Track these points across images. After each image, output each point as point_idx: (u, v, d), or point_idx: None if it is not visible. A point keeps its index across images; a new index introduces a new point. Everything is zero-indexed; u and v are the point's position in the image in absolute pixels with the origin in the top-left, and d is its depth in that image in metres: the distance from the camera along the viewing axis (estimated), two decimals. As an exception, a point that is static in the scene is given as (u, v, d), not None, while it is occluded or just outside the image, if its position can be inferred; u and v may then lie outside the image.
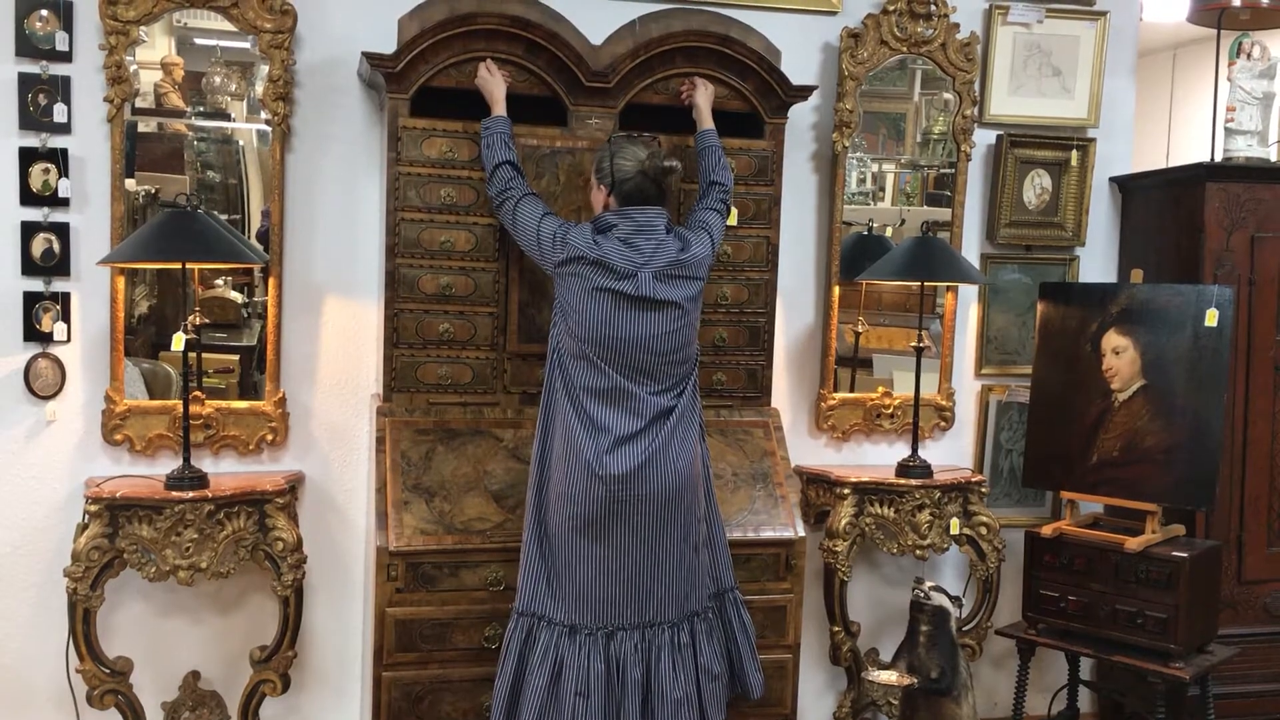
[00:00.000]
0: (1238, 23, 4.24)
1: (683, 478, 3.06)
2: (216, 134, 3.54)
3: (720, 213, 3.29)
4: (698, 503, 3.15)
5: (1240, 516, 3.99)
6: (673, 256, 3.07)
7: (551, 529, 3.07)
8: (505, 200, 3.18)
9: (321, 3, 3.54)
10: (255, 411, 3.54)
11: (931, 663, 3.59)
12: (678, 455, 3.06)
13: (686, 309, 3.09)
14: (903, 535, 3.74)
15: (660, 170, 3.11)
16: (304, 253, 3.59)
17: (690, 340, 3.15)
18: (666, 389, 3.09)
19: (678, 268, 3.07)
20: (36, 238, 3.38)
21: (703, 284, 3.15)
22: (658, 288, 3.03)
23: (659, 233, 3.08)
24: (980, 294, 4.16)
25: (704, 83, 3.45)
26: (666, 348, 3.07)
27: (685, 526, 3.10)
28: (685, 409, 3.11)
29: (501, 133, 3.24)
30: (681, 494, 3.07)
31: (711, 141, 3.36)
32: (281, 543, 3.29)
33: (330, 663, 3.72)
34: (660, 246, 3.07)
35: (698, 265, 3.12)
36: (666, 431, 3.05)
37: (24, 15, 3.33)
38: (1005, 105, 4.09)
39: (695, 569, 3.14)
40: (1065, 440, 3.79)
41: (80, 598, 3.19)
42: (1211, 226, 3.93)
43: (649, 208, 3.09)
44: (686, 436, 3.11)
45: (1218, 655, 3.63)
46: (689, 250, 3.11)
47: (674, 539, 3.07)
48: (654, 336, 3.04)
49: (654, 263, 3.04)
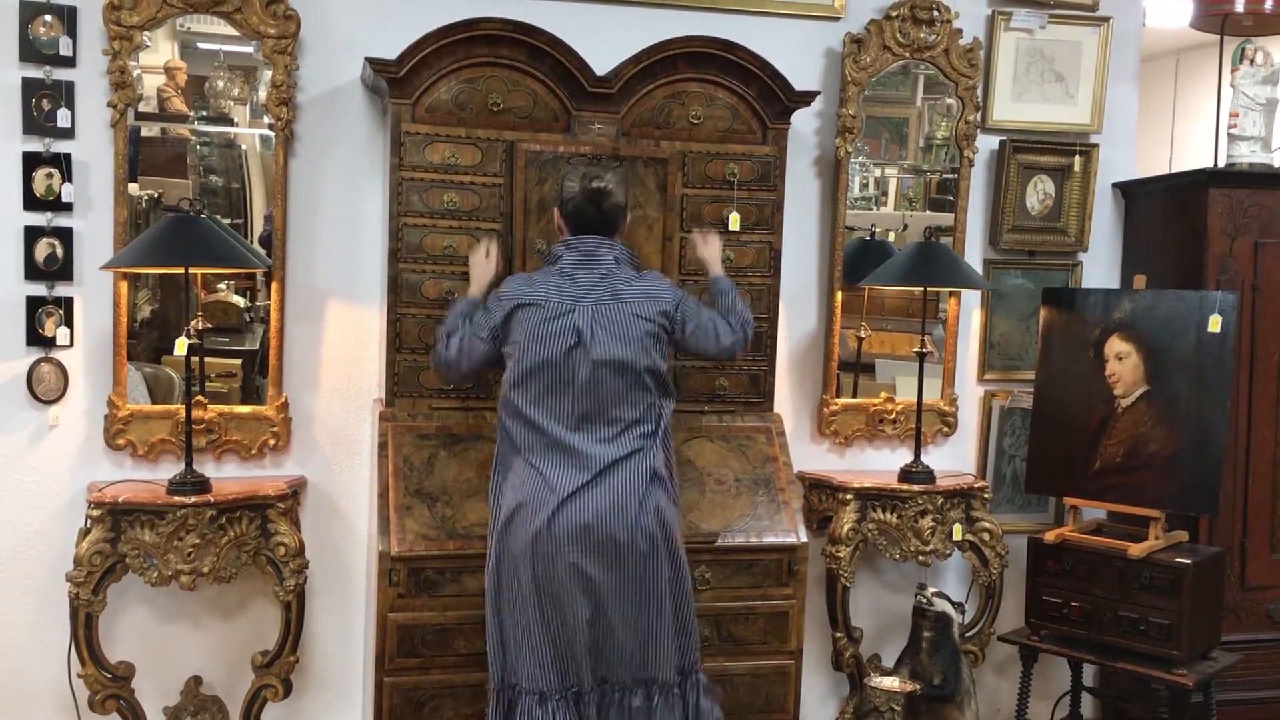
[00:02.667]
0: (1241, 28, 4.23)
1: (634, 532, 2.86)
2: (219, 139, 3.54)
3: (730, 325, 3.08)
4: (657, 564, 2.91)
5: (1243, 523, 3.98)
6: (618, 290, 2.93)
7: (504, 591, 2.94)
8: (450, 337, 3.05)
9: (325, 8, 3.55)
10: (257, 416, 3.54)
11: (934, 669, 3.59)
12: (625, 509, 2.85)
13: (637, 343, 2.91)
14: (905, 541, 3.74)
15: (591, 191, 2.96)
16: (306, 257, 3.59)
17: (639, 386, 2.93)
18: (613, 438, 2.90)
19: (622, 301, 2.93)
20: (40, 242, 3.39)
21: (655, 325, 2.95)
22: (595, 325, 2.89)
23: (604, 263, 2.95)
24: (983, 299, 4.15)
25: (705, 236, 3.35)
26: (607, 391, 2.90)
27: (641, 589, 2.90)
28: (641, 464, 2.90)
29: (463, 311, 3.08)
30: (632, 552, 2.87)
31: (724, 286, 3.22)
32: (283, 548, 3.29)
33: (332, 668, 3.72)
34: (605, 279, 2.94)
35: (647, 302, 2.94)
36: (617, 485, 2.86)
37: (28, 20, 3.34)
38: (1008, 111, 4.09)
39: (652, 633, 2.93)
40: (1068, 446, 3.78)
41: (82, 602, 3.19)
42: (1215, 232, 3.92)
43: (592, 237, 2.98)
44: (638, 490, 2.88)
45: (1221, 662, 3.63)
46: (639, 285, 2.95)
47: (626, 599, 2.89)
48: (591, 380, 2.89)
49: (593, 296, 2.92)
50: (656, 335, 2.97)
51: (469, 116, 3.36)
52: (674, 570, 2.97)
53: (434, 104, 3.34)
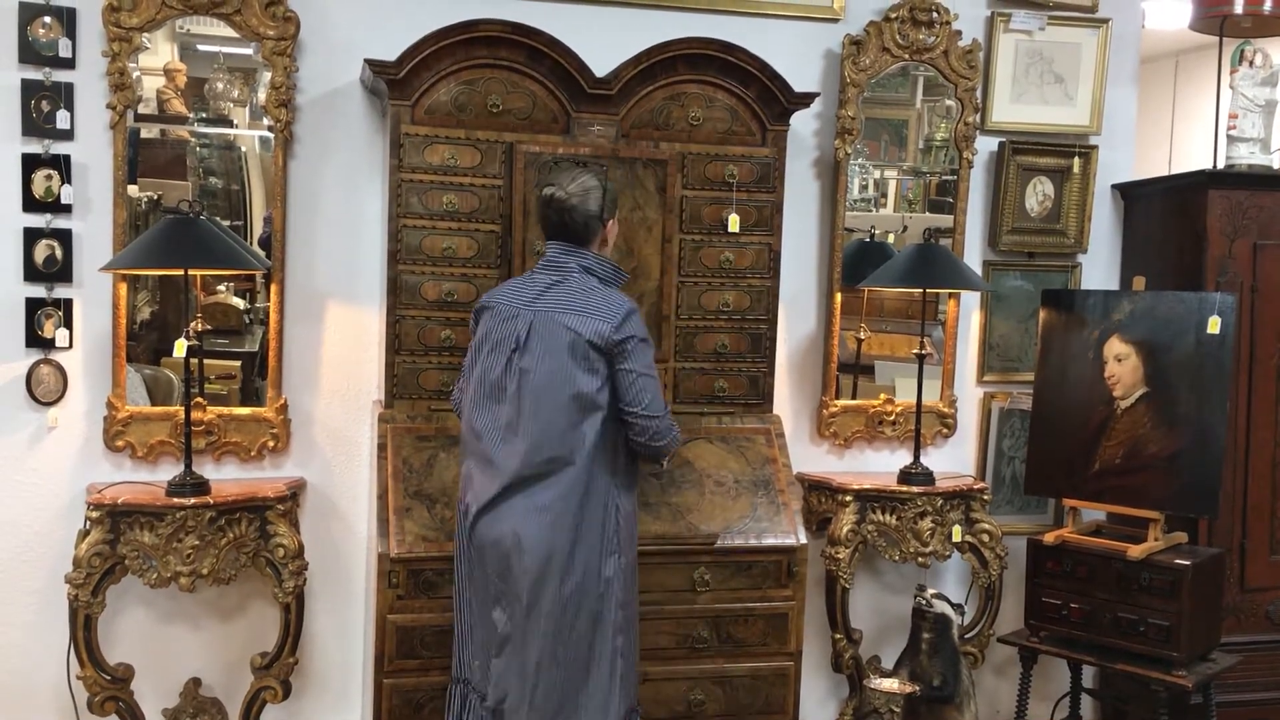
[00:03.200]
0: (1240, 30, 4.23)
1: (531, 557, 2.74)
2: (219, 140, 3.54)
3: (657, 410, 2.82)
4: (560, 592, 2.76)
5: (1243, 524, 3.98)
6: (563, 301, 2.80)
7: (458, 583, 2.94)
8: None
9: (324, 10, 3.55)
10: (257, 418, 3.54)
11: (934, 670, 3.59)
12: (523, 534, 2.75)
13: (563, 358, 2.78)
14: (905, 543, 3.74)
15: (543, 199, 2.89)
16: (306, 259, 3.59)
17: (562, 406, 2.76)
18: (529, 455, 2.77)
19: (562, 313, 2.79)
20: (39, 244, 3.39)
21: (584, 348, 2.77)
22: (532, 333, 2.80)
23: (564, 270, 2.86)
24: (982, 301, 4.15)
25: None
26: (531, 406, 2.78)
27: (549, 616, 2.76)
28: (550, 491, 2.76)
29: None
30: (526, 576, 2.75)
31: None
32: (283, 549, 3.29)
33: (331, 669, 3.72)
34: (555, 288, 2.83)
35: (585, 321, 2.77)
36: (521, 507, 2.77)
37: (27, 22, 3.34)
38: (1007, 112, 4.09)
39: (566, 667, 2.79)
40: (1067, 448, 3.78)
41: (81, 604, 3.19)
42: (1214, 234, 3.92)
43: (557, 242, 2.89)
44: (541, 515, 2.75)
45: (1220, 663, 3.63)
46: (587, 300, 2.79)
47: (533, 624, 2.77)
48: (519, 392, 2.79)
49: (538, 303, 2.83)
50: (586, 357, 2.79)
51: (468, 118, 3.36)
52: (583, 602, 2.80)
53: (433, 105, 3.34)
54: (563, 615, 2.79)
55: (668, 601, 3.31)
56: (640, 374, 2.82)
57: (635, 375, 2.82)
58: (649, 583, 3.27)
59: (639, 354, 2.83)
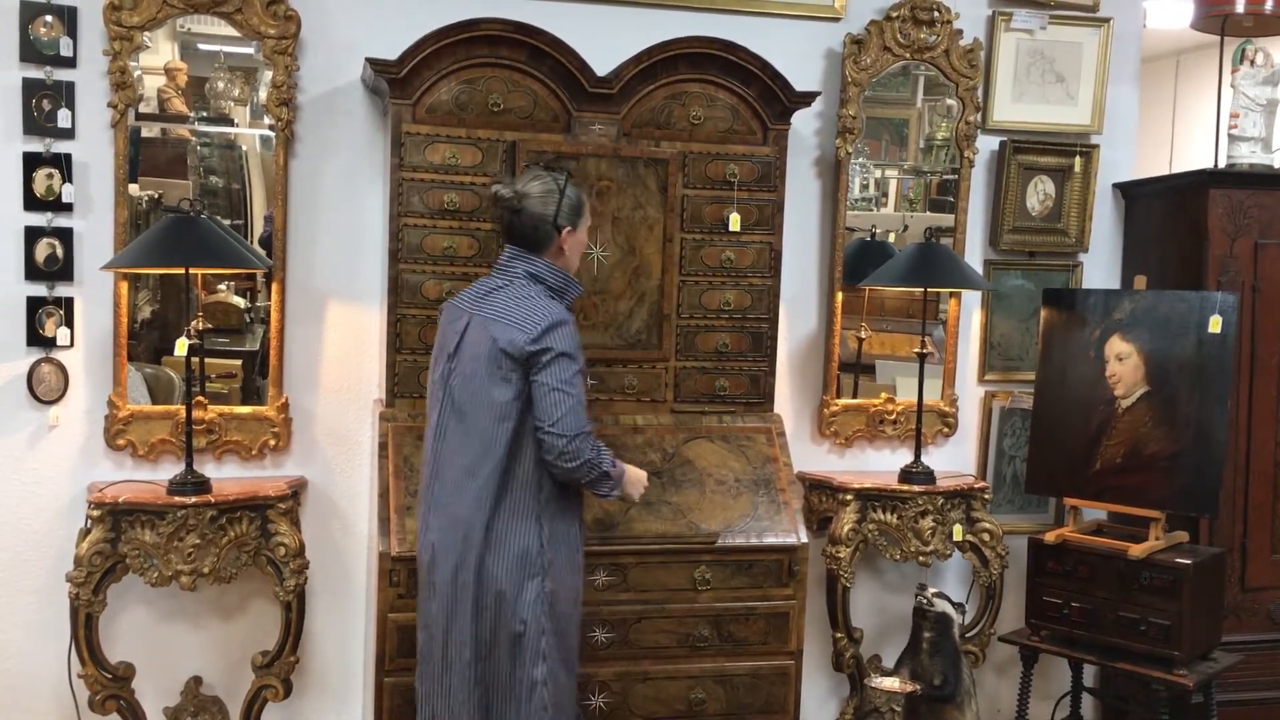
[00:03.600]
0: (1241, 29, 4.23)
1: (452, 570, 2.73)
2: (220, 139, 3.54)
3: (571, 426, 2.70)
4: (498, 624, 2.72)
5: (1244, 523, 3.98)
6: (496, 308, 2.75)
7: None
8: None
9: (325, 9, 3.55)
10: (258, 416, 3.54)
11: (934, 669, 3.58)
12: (444, 546, 2.74)
13: (482, 364, 2.73)
14: (905, 542, 3.74)
15: (490, 197, 2.85)
16: (307, 258, 3.59)
17: (481, 416, 2.72)
18: (453, 463, 2.76)
19: (489, 321, 2.75)
20: (40, 243, 3.39)
21: (501, 357, 2.70)
22: (464, 340, 2.78)
23: (509, 275, 2.80)
24: (983, 300, 4.15)
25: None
26: (459, 411, 2.76)
27: (465, 629, 2.73)
28: (465, 506, 2.72)
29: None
30: (452, 587, 2.72)
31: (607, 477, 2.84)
32: (284, 548, 3.29)
33: (332, 668, 3.72)
34: (499, 291, 2.79)
35: (505, 329, 2.71)
36: (443, 520, 2.75)
37: (28, 21, 3.34)
38: (1008, 111, 4.09)
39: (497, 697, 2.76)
40: (1068, 447, 3.78)
41: (82, 603, 3.19)
42: (1215, 233, 3.92)
43: (511, 246, 2.84)
44: (456, 530, 2.73)
45: (1221, 662, 3.63)
46: (515, 309, 2.73)
47: (452, 637, 2.76)
48: (449, 395, 2.79)
49: (478, 309, 2.79)
50: (500, 366, 2.72)
51: (469, 117, 3.36)
52: (499, 623, 2.74)
53: (434, 104, 3.34)
54: (477, 635, 2.73)
55: (668, 600, 3.31)
56: (553, 388, 2.69)
57: (547, 389, 2.69)
58: (649, 581, 3.28)
59: (555, 368, 2.70)
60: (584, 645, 3.23)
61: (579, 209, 2.88)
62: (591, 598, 3.23)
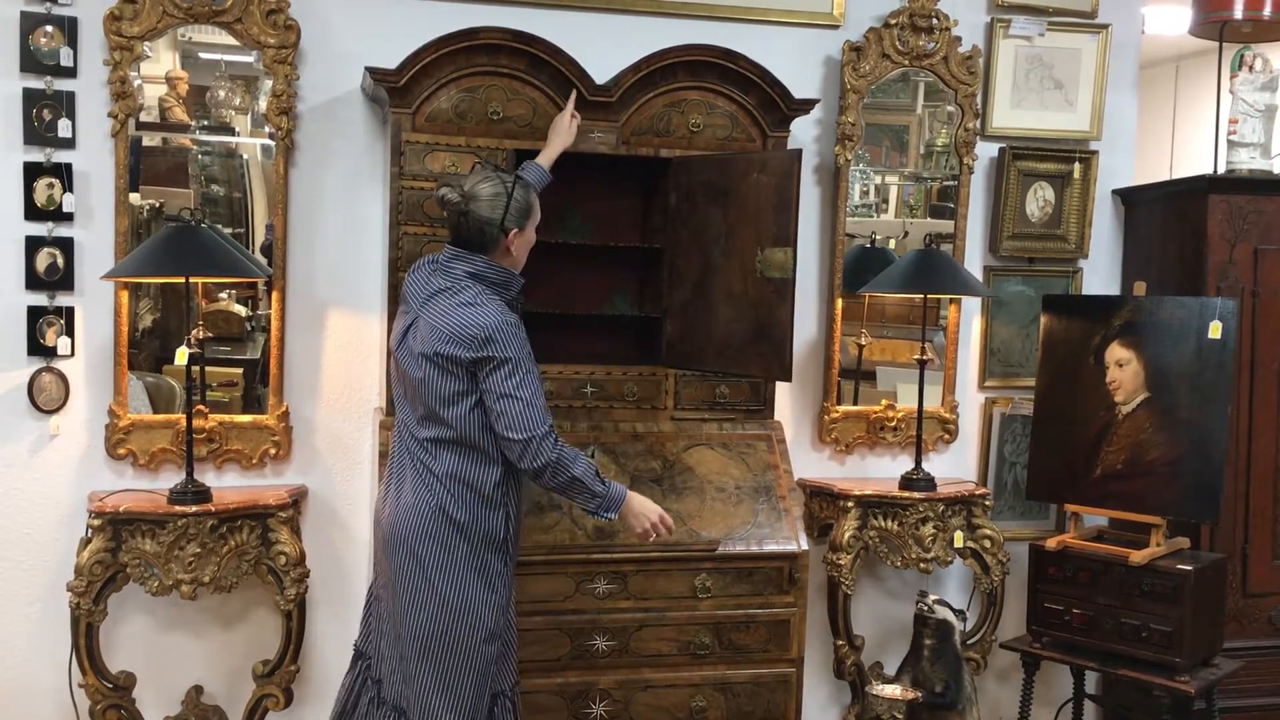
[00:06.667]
0: (1239, 35, 4.24)
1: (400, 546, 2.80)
2: (220, 148, 3.55)
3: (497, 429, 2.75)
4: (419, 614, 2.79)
5: (1245, 529, 3.98)
6: (438, 309, 2.77)
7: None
8: None
9: (325, 18, 3.55)
10: (258, 425, 3.54)
11: (936, 677, 3.58)
12: (405, 519, 2.80)
13: (423, 364, 2.77)
14: (906, 548, 3.73)
15: (437, 198, 2.87)
16: (307, 266, 3.59)
17: (423, 417, 2.79)
18: (403, 451, 2.87)
19: (431, 323, 2.77)
20: (40, 252, 3.39)
21: (443, 359, 2.73)
22: (409, 336, 2.81)
23: (450, 276, 2.81)
24: (983, 306, 4.15)
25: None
26: (407, 406, 2.85)
27: (403, 606, 2.81)
28: (409, 497, 2.81)
29: (538, 178, 3.14)
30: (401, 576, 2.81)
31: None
32: (284, 556, 3.29)
33: (333, 677, 3.70)
34: (443, 293, 2.79)
35: (447, 333, 2.73)
36: (407, 480, 2.83)
37: (29, 31, 3.35)
38: (1007, 118, 4.09)
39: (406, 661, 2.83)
40: (1069, 453, 3.78)
41: (83, 612, 3.19)
42: (1215, 239, 3.92)
43: (452, 247, 2.86)
44: (401, 525, 2.81)
45: (1223, 668, 3.62)
46: (458, 313, 2.74)
47: (391, 608, 2.87)
48: (399, 388, 2.89)
49: (426, 307, 2.81)
50: (445, 370, 2.74)
51: (469, 125, 3.36)
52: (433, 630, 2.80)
53: (434, 113, 3.34)
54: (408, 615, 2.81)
55: (669, 608, 3.30)
56: (499, 396, 2.72)
57: (494, 397, 2.72)
58: (650, 589, 3.28)
59: (496, 377, 2.72)
60: (585, 653, 3.24)
61: (527, 210, 2.90)
62: (592, 606, 3.23)
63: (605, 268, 3.67)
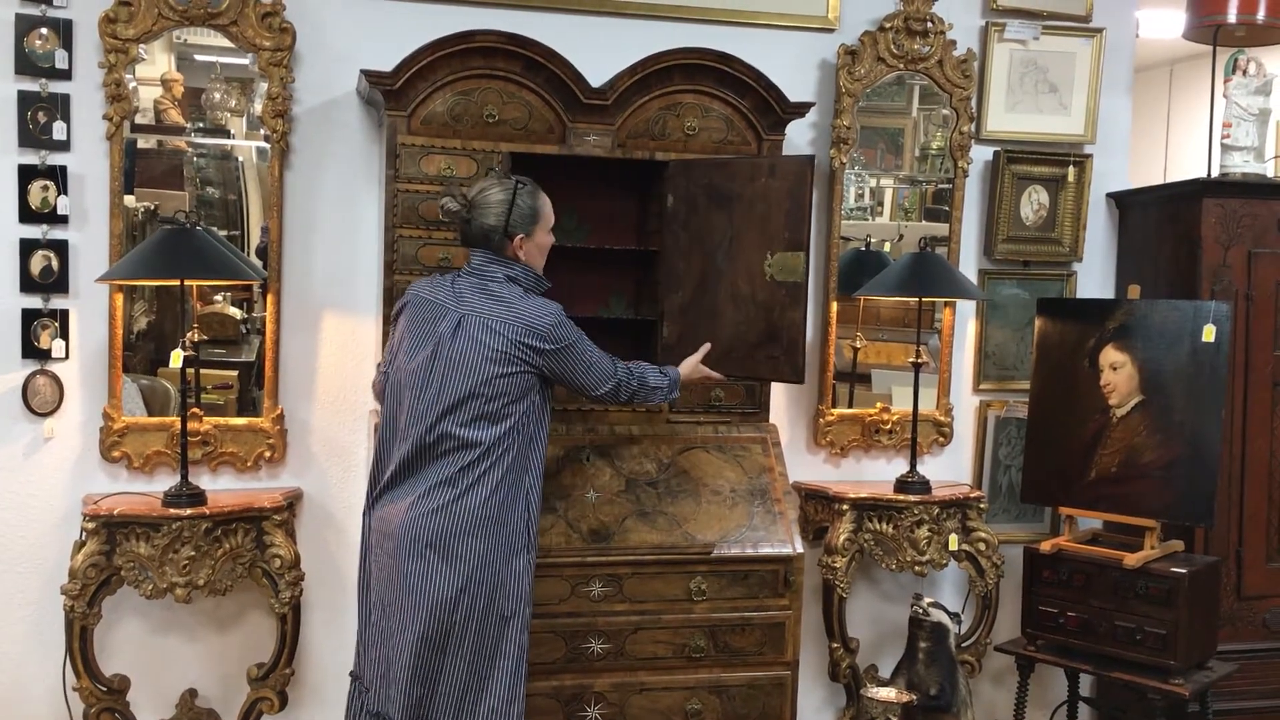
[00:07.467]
0: (1234, 39, 4.24)
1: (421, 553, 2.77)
2: (216, 150, 3.55)
3: (613, 377, 3.00)
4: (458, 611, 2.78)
5: (1239, 532, 3.98)
6: (490, 306, 2.82)
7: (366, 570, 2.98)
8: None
9: (320, 21, 3.55)
10: (253, 428, 3.53)
11: (931, 679, 3.58)
12: (403, 542, 2.78)
13: (504, 361, 2.80)
14: (901, 551, 3.74)
15: (440, 208, 2.92)
16: (303, 269, 3.59)
17: (472, 407, 2.79)
18: (432, 450, 2.82)
19: (489, 317, 2.82)
20: (35, 255, 3.39)
21: (514, 347, 2.80)
22: (458, 334, 2.82)
23: (491, 279, 2.87)
24: (978, 309, 4.16)
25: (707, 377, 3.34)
26: (445, 403, 2.80)
27: (434, 622, 2.77)
28: (447, 493, 2.79)
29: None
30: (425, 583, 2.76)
31: (665, 379, 3.17)
32: (279, 560, 3.29)
33: (328, 680, 3.71)
34: (482, 291, 2.85)
35: (514, 323, 2.81)
36: (429, 498, 2.79)
37: (24, 33, 3.34)
38: (1002, 121, 4.10)
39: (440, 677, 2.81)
40: (1064, 456, 3.79)
41: (77, 615, 3.18)
42: (1209, 242, 3.93)
43: (480, 251, 2.90)
44: (423, 518, 2.78)
45: (1217, 671, 3.63)
46: (516, 305, 2.82)
47: (409, 629, 2.79)
48: (431, 386, 2.82)
49: (465, 306, 2.84)
50: (511, 358, 2.81)
51: (464, 128, 3.36)
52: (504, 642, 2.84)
53: (429, 116, 3.34)
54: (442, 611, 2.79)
55: (664, 611, 3.30)
56: (581, 367, 2.94)
57: (578, 370, 2.94)
58: (645, 592, 3.27)
59: (574, 353, 2.91)
60: (580, 656, 3.23)
61: (533, 215, 2.92)
62: (588, 609, 3.23)
63: (601, 270, 3.67)
